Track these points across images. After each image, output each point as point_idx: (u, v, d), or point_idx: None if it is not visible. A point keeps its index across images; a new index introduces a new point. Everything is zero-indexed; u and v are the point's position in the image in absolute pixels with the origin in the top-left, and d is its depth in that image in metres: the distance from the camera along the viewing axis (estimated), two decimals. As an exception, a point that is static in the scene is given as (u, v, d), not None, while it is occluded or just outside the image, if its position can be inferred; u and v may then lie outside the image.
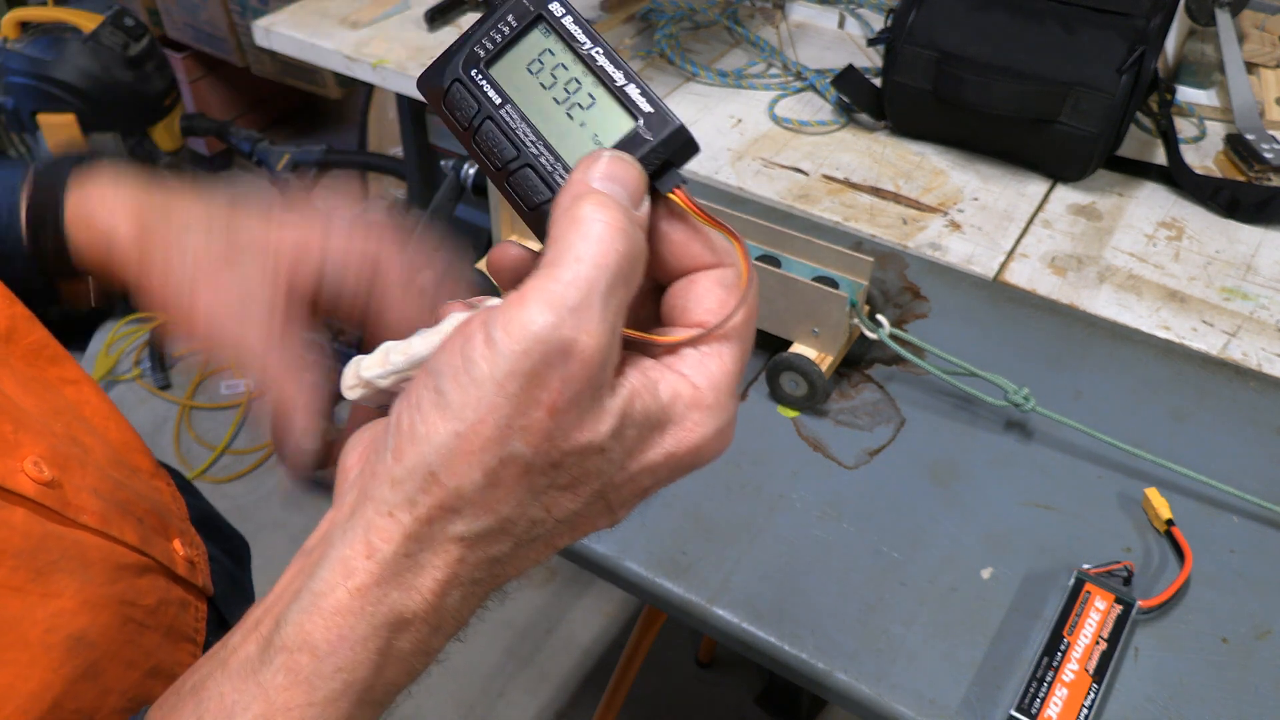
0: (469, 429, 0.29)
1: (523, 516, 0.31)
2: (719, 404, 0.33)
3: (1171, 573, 0.71)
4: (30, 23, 2.00)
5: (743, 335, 0.34)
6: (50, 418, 0.47)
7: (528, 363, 0.29)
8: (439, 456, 0.29)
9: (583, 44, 0.35)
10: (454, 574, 0.31)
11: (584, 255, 0.30)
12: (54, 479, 0.43)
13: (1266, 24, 1.31)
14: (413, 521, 0.30)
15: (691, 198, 0.34)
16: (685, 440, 0.32)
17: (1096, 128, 1.01)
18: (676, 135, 0.34)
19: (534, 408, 0.29)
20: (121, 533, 0.46)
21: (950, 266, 0.97)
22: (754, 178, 1.09)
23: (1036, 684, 0.63)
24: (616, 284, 0.30)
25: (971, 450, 0.79)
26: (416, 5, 1.38)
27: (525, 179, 0.36)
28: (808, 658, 0.66)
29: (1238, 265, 0.98)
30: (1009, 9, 1.05)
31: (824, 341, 0.82)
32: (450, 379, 0.30)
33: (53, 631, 0.41)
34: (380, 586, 0.30)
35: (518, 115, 0.36)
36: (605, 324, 0.30)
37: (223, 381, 2.18)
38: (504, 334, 0.29)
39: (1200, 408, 0.83)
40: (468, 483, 0.30)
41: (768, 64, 1.28)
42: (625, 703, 1.32)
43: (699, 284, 0.34)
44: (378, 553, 0.30)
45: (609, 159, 0.33)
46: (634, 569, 0.71)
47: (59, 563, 0.42)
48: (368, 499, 0.31)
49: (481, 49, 0.37)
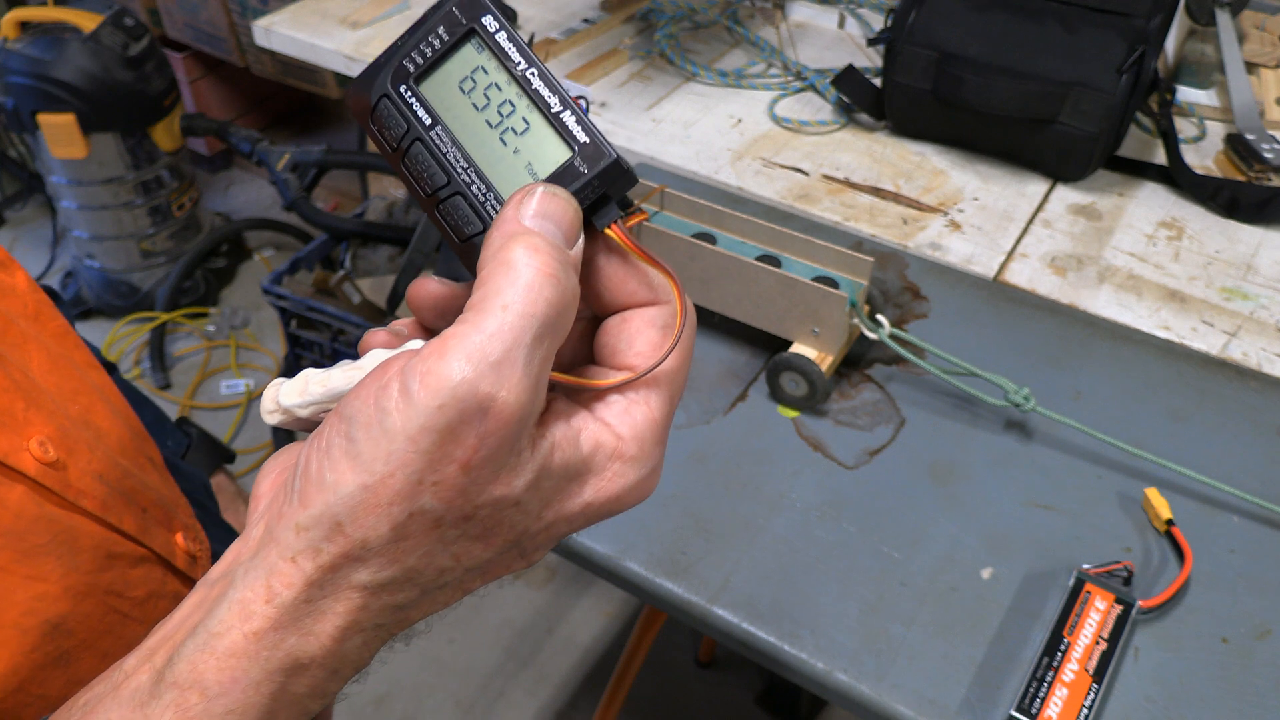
0: (378, 481, 0.28)
1: (430, 566, 0.30)
2: (642, 454, 0.32)
3: (1171, 573, 0.71)
4: (30, 23, 2.00)
5: (674, 380, 0.33)
6: (68, 399, 0.47)
7: (442, 418, 0.28)
8: (345, 507, 0.29)
9: (517, 64, 0.34)
10: (355, 620, 0.30)
11: (511, 303, 0.29)
12: (58, 460, 0.43)
13: (1266, 24, 1.31)
14: (315, 569, 0.29)
15: (628, 234, 0.33)
16: (604, 491, 0.32)
17: (1096, 128, 1.01)
18: (613, 168, 0.33)
19: (447, 463, 0.28)
20: (120, 521, 0.46)
21: (950, 266, 0.97)
22: (754, 178, 1.09)
23: (1036, 684, 0.63)
24: (544, 334, 0.29)
25: (971, 450, 0.79)
26: (416, 5, 1.38)
27: (456, 208, 0.34)
28: (808, 658, 0.66)
29: (1238, 265, 0.98)
30: (1009, 9, 1.05)
31: (824, 341, 0.82)
32: (363, 428, 0.29)
33: (30, 615, 0.41)
34: (278, 631, 0.29)
35: (449, 138, 0.34)
36: (528, 379, 0.29)
37: (223, 382, 2.18)
38: (420, 386, 0.28)
39: (1200, 408, 0.83)
40: (374, 535, 0.29)
41: (768, 64, 1.28)
42: (625, 703, 1.32)
43: (631, 323, 0.33)
44: (277, 598, 0.29)
45: (542, 194, 0.31)
46: (634, 569, 0.71)
47: (48, 546, 0.42)
48: (272, 541, 0.30)
49: (411, 63, 0.35)
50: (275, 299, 1.80)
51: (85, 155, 2.04)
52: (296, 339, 1.88)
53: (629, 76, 1.25)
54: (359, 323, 1.75)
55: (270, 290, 1.79)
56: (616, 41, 1.31)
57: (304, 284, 1.84)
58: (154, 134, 2.10)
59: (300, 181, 1.91)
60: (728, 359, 0.87)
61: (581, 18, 1.35)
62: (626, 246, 0.33)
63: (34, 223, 2.59)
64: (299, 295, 1.79)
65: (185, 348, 2.25)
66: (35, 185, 2.47)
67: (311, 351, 1.89)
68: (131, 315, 2.27)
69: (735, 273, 0.82)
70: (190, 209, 2.28)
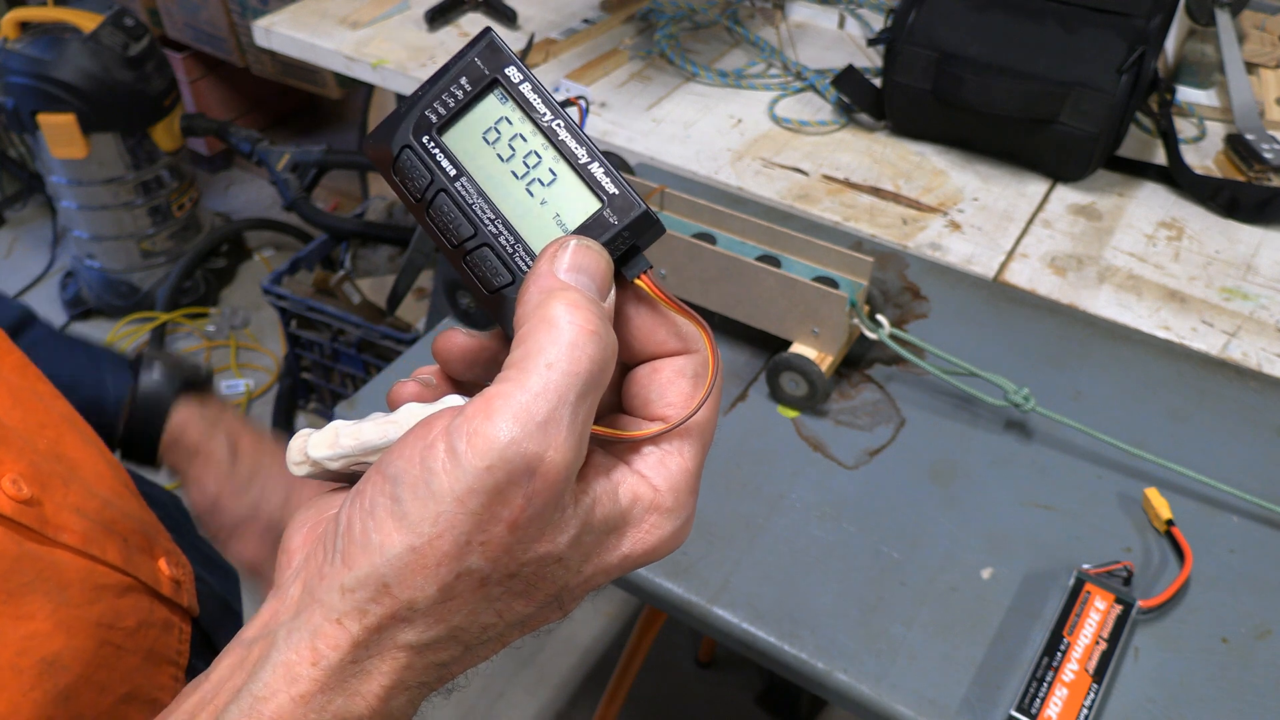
0: (426, 544, 0.28)
1: (474, 624, 0.31)
2: (677, 505, 0.32)
3: (1171, 573, 0.71)
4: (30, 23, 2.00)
5: (705, 430, 0.33)
6: (35, 432, 0.46)
7: (491, 479, 0.28)
8: (392, 569, 0.29)
9: (543, 115, 0.34)
10: (400, 679, 0.30)
11: (555, 361, 0.29)
12: (33, 497, 0.42)
13: (1266, 24, 1.31)
14: (361, 630, 0.29)
15: (657, 284, 0.33)
16: (641, 543, 0.32)
17: (1096, 128, 1.01)
18: (643, 219, 0.33)
19: (494, 524, 0.28)
20: (103, 552, 0.45)
21: (950, 266, 0.97)
22: (754, 178, 1.09)
23: (1036, 684, 0.63)
24: (587, 391, 0.29)
25: (971, 450, 0.79)
26: (416, 5, 1.38)
27: (483, 259, 0.34)
28: (808, 658, 0.66)
29: (1238, 265, 0.98)
30: (1009, 9, 1.05)
31: (824, 341, 0.81)
32: (408, 488, 0.29)
33: (24, 654, 0.40)
34: (324, 694, 0.29)
35: (474, 190, 0.34)
36: (573, 437, 0.29)
37: (223, 382, 2.18)
38: (468, 447, 0.28)
39: (1200, 408, 0.83)
40: (421, 596, 0.29)
41: (768, 64, 1.28)
42: (625, 703, 1.32)
43: (662, 373, 0.33)
44: (323, 660, 0.29)
45: (575, 247, 0.31)
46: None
47: (34, 583, 0.41)
48: (316, 602, 0.30)
49: (433, 113, 0.35)
50: (275, 299, 1.80)
51: (85, 155, 2.04)
52: (296, 339, 1.88)
53: (629, 76, 1.25)
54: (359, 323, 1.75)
55: (270, 290, 1.78)
56: (616, 41, 1.31)
57: (304, 284, 1.84)
58: (154, 134, 2.10)
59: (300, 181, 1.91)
60: (728, 359, 0.87)
61: (581, 18, 1.35)
62: (657, 296, 0.33)
63: (34, 223, 2.59)
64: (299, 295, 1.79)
65: (185, 348, 2.25)
66: (35, 185, 2.48)
67: (311, 351, 1.89)
68: (131, 315, 2.27)
69: (735, 273, 0.82)
70: (190, 209, 2.28)
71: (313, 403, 2.04)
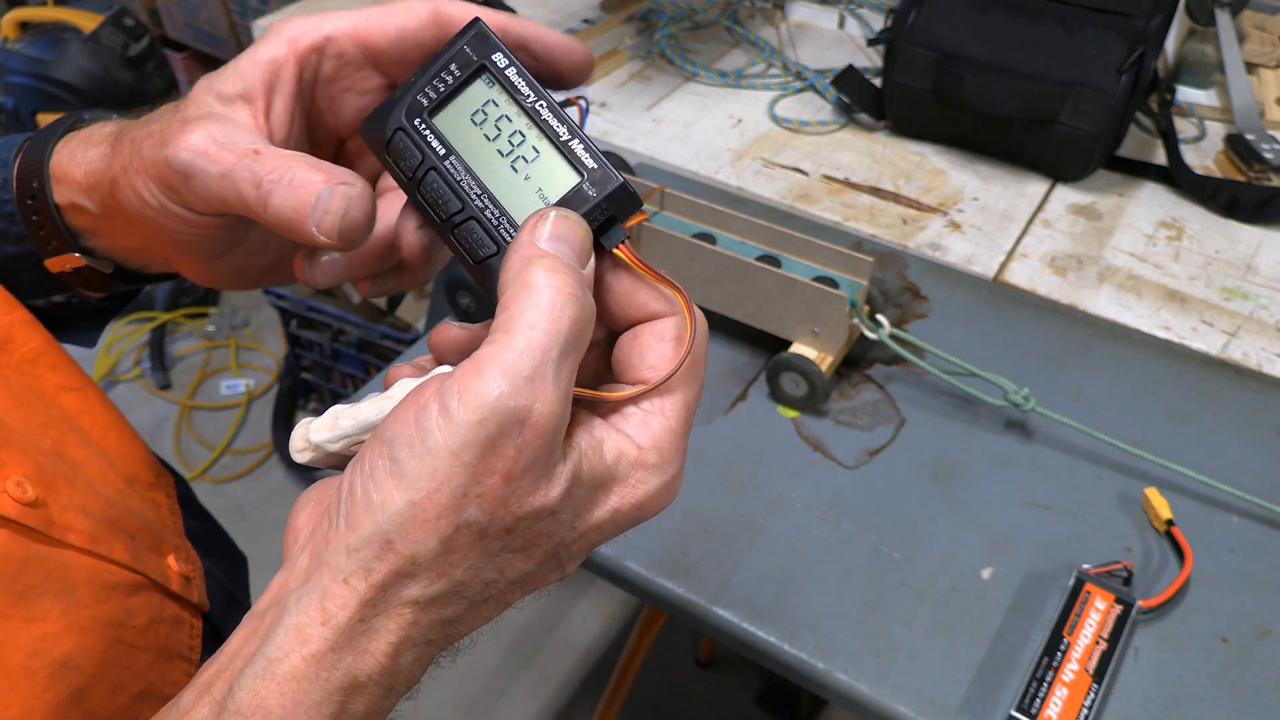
0: (425, 498, 0.30)
1: (476, 579, 0.32)
2: (662, 461, 0.34)
3: (1171, 573, 0.71)
4: (30, 23, 2.00)
5: (688, 388, 0.35)
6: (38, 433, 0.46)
7: (483, 432, 0.29)
8: (394, 525, 0.30)
9: (527, 96, 0.36)
10: (407, 636, 0.31)
11: (537, 322, 0.30)
12: (38, 498, 0.42)
13: (1266, 24, 1.31)
14: (368, 588, 0.30)
15: (634, 253, 0.35)
16: (629, 498, 0.34)
17: (1096, 128, 1.01)
18: (619, 192, 0.35)
19: (489, 475, 0.30)
20: (111, 550, 0.45)
21: (950, 266, 0.97)
22: (754, 178, 1.09)
23: (1036, 684, 0.63)
24: (569, 349, 0.31)
25: (971, 450, 0.79)
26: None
27: (470, 232, 0.36)
28: (808, 658, 0.66)
29: (1238, 265, 0.98)
30: (1009, 9, 1.05)
31: (824, 341, 0.82)
32: (405, 448, 0.30)
33: (36, 656, 0.40)
34: (335, 652, 0.30)
35: (462, 167, 0.36)
36: (558, 391, 0.30)
37: (223, 382, 2.18)
38: (459, 404, 0.29)
39: (1200, 408, 0.83)
40: (423, 550, 0.30)
41: (768, 64, 1.28)
42: (625, 703, 1.32)
43: (643, 338, 0.35)
44: (332, 619, 0.30)
45: (555, 218, 0.33)
46: (634, 569, 0.71)
47: (42, 585, 0.41)
48: (322, 565, 0.31)
49: (425, 98, 0.37)
50: (275, 299, 1.80)
51: (85, 155, 2.04)
52: (296, 339, 1.88)
53: (629, 76, 1.25)
54: (359, 323, 1.75)
55: (270, 290, 1.79)
56: (616, 41, 1.31)
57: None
58: (154, 134, 2.10)
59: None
60: (728, 359, 0.87)
61: (581, 18, 1.35)
62: (633, 264, 0.35)
63: (34, 223, 2.59)
64: (299, 295, 1.79)
65: (185, 348, 2.25)
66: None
67: (311, 351, 1.89)
68: (132, 315, 2.27)
69: (735, 273, 0.82)
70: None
71: (313, 402, 2.04)
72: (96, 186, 0.43)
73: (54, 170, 0.45)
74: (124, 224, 0.43)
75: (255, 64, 0.39)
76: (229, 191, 0.37)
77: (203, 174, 0.37)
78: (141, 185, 0.39)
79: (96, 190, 0.43)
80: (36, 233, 0.46)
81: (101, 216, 0.44)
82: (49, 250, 0.47)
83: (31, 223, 0.46)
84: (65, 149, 0.45)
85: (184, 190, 0.38)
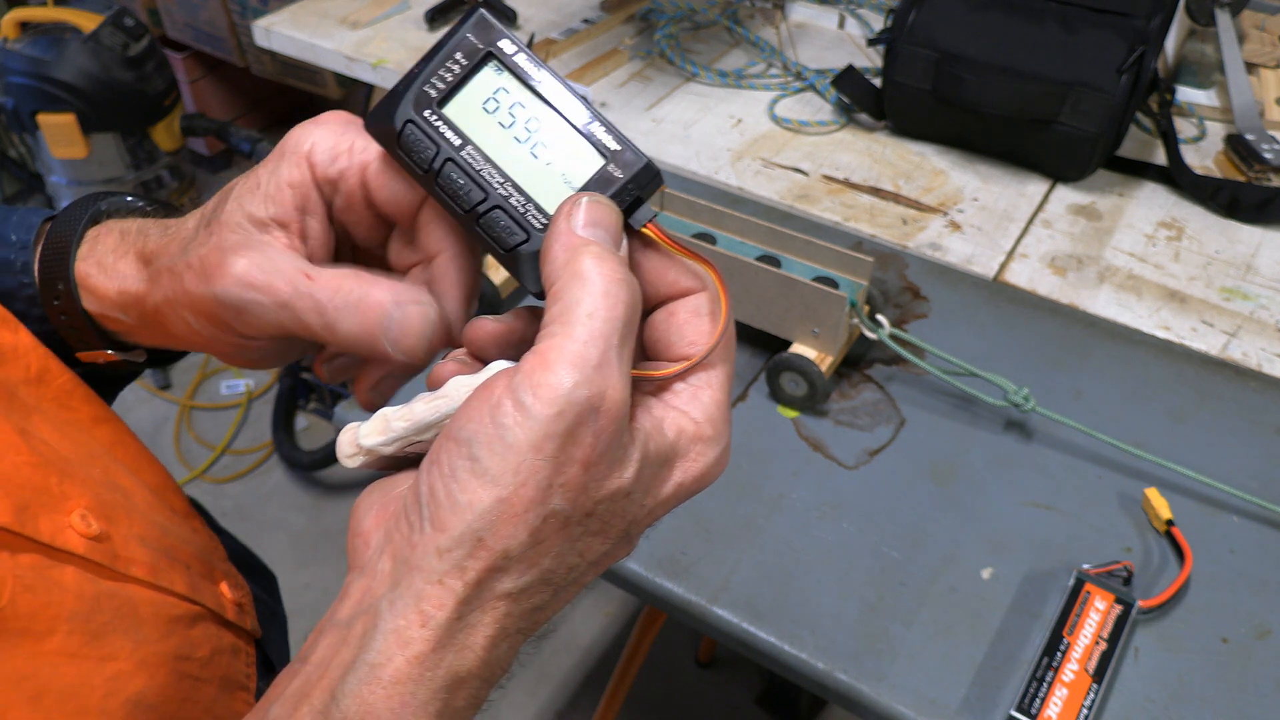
0: (512, 493, 0.30)
1: (561, 565, 0.33)
2: (716, 433, 0.35)
3: (1171, 573, 0.71)
4: (30, 23, 1.99)
5: (728, 360, 0.36)
6: (88, 463, 0.45)
7: (561, 424, 0.30)
8: (485, 522, 0.31)
9: (539, 82, 0.35)
10: (502, 628, 0.32)
11: (595, 311, 0.31)
12: (102, 532, 0.41)
13: (1266, 24, 1.31)
14: (464, 587, 0.31)
15: (663, 230, 0.35)
16: (691, 470, 0.35)
17: (1096, 128, 1.01)
18: (645, 171, 0.35)
19: (570, 465, 0.31)
20: (171, 582, 0.45)
21: (950, 266, 0.97)
22: (754, 178, 1.09)
23: (1036, 684, 0.63)
24: (627, 334, 0.32)
25: (971, 450, 0.79)
26: (416, 5, 1.38)
27: (496, 221, 0.36)
28: (808, 658, 0.66)
29: (1238, 265, 0.98)
30: (1009, 9, 1.05)
31: (824, 341, 0.82)
32: (484, 446, 0.31)
33: (111, 696, 0.40)
34: (437, 652, 0.31)
35: (480, 156, 0.36)
36: (624, 376, 0.32)
37: (223, 382, 2.18)
38: (534, 398, 0.30)
39: (1200, 408, 0.83)
40: (515, 544, 0.31)
41: (768, 64, 1.28)
42: (625, 703, 1.32)
43: (678, 315, 0.36)
44: (432, 620, 0.31)
45: (588, 204, 0.34)
46: (634, 569, 0.71)
47: (112, 622, 0.41)
48: (413, 569, 0.31)
49: (432, 88, 0.36)
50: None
51: (85, 155, 2.04)
52: (296, 339, 1.87)
53: (629, 76, 1.25)
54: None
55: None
56: (616, 41, 1.31)
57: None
58: (154, 134, 2.10)
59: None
60: (728, 359, 0.87)
61: (581, 18, 1.35)
62: (663, 242, 0.35)
63: (34, 223, 2.59)
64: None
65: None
66: (35, 185, 2.47)
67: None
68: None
69: (735, 273, 0.82)
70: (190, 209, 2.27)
71: (313, 403, 2.04)
72: (133, 305, 0.43)
73: (81, 279, 0.44)
74: (162, 334, 0.44)
75: (282, 188, 0.39)
76: (289, 320, 0.38)
77: (256, 305, 0.38)
78: (190, 318, 0.40)
79: (133, 309, 0.44)
80: (66, 329, 0.46)
81: (138, 327, 0.45)
82: (80, 345, 0.47)
83: (60, 322, 0.45)
84: (92, 256, 0.44)
85: (237, 323, 0.39)
